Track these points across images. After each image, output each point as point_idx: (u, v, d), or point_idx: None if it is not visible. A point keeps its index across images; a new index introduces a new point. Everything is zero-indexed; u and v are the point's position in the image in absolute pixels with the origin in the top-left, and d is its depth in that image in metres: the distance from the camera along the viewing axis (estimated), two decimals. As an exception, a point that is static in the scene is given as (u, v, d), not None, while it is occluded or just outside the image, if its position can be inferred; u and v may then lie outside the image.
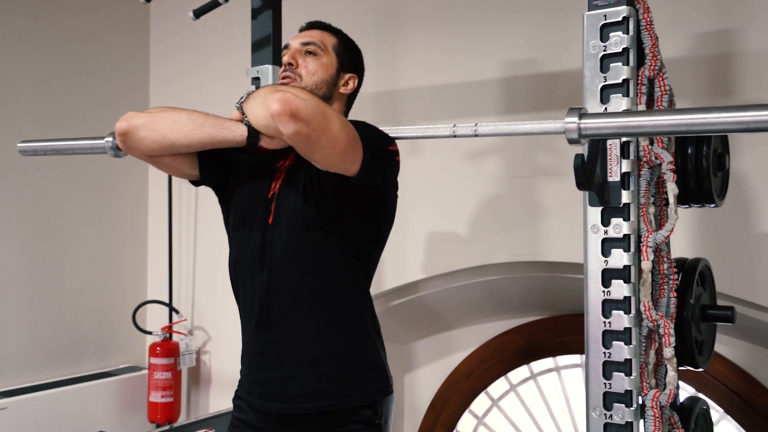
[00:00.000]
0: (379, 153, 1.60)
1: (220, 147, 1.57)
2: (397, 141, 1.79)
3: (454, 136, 1.72)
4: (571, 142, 1.36)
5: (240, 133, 1.52)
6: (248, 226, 1.68)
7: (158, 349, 3.45)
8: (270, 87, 1.46)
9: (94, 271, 3.59)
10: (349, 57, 1.80)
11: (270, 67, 2.31)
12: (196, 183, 1.78)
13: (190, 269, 3.69)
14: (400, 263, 3.10)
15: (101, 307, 3.61)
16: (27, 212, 3.30)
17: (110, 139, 1.79)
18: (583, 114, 1.34)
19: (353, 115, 3.11)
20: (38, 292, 3.35)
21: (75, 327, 3.50)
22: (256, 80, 2.33)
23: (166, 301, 3.65)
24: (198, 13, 2.39)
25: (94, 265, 3.58)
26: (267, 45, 2.32)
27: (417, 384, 3.53)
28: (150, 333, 3.62)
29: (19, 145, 1.99)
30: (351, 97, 1.84)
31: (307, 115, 1.36)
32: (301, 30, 1.82)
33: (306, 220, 1.62)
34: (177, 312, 3.65)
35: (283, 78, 1.70)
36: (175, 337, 3.55)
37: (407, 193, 3.02)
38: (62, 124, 3.41)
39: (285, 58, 1.72)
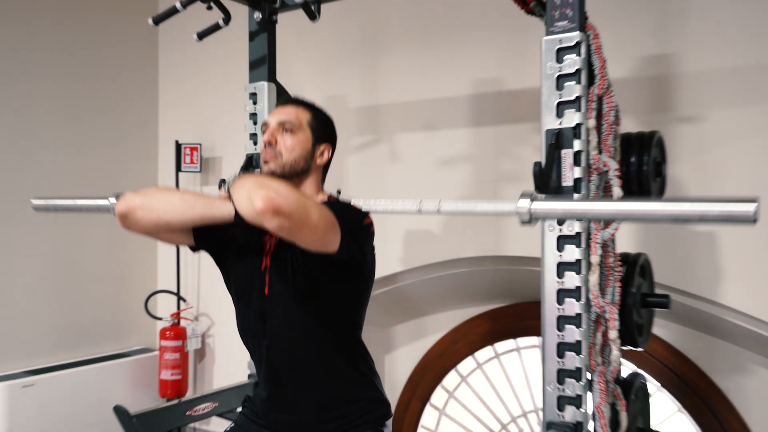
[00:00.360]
0: (355, 229, 1.58)
1: (211, 224, 1.53)
2: (374, 155, 1.79)
3: (420, 212, 1.64)
4: (523, 223, 1.34)
5: (228, 212, 1.47)
6: (248, 296, 1.68)
7: (168, 333, 3.44)
8: (254, 182, 1.39)
9: (111, 264, 3.57)
10: (323, 129, 1.75)
11: (265, 83, 2.31)
12: (194, 250, 1.76)
13: (196, 262, 3.67)
14: (381, 257, 3.07)
15: (117, 296, 3.60)
16: (52, 215, 3.27)
17: (113, 200, 1.76)
18: (533, 198, 1.34)
19: (338, 120, 3.13)
20: (61, 284, 3.33)
21: (94, 314, 3.48)
22: (253, 95, 2.32)
23: (175, 290, 3.63)
24: (201, 35, 2.38)
25: (111, 260, 3.56)
26: (263, 64, 2.32)
27: (396, 363, 3.54)
28: (160, 319, 3.61)
29: (33, 201, 1.95)
30: (327, 165, 1.79)
31: (289, 211, 1.33)
32: (278, 105, 1.78)
33: (297, 292, 1.62)
34: (184, 300, 3.64)
35: (265, 155, 1.67)
36: (183, 323, 3.54)
37: (388, 195, 3.04)
38: (81, 139, 3.39)
39: (265, 137, 1.67)
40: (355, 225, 1.59)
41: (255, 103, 2.32)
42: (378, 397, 1.74)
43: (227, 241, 1.70)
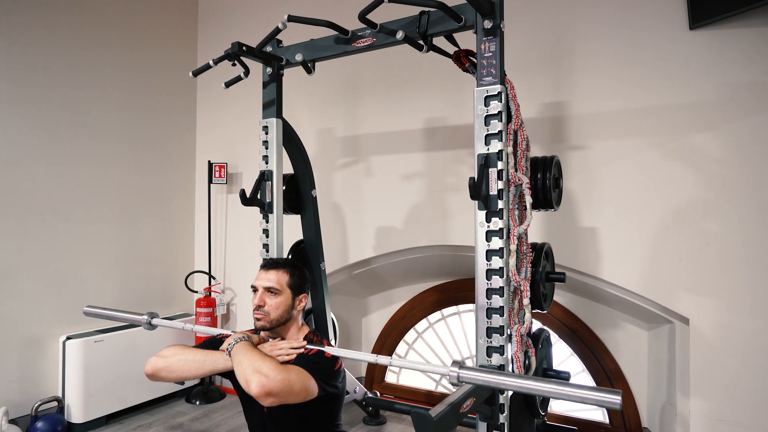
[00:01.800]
0: (329, 376, 1.57)
1: (217, 374, 1.58)
2: (353, 166, 1.78)
3: (376, 363, 1.57)
4: (453, 384, 1.35)
5: (229, 365, 1.53)
6: (252, 409, 1.71)
7: (202, 302, 3.38)
8: (250, 365, 1.41)
9: (159, 251, 3.49)
10: (299, 284, 1.72)
11: (274, 119, 2.27)
12: None
13: (222, 248, 3.62)
14: (359, 246, 3.09)
15: (164, 275, 3.52)
16: (116, 212, 3.19)
17: (146, 317, 1.88)
18: (461, 366, 1.35)
19: (327, 147, 3.11)
20: (122, 264, 3.25)
21: (146, 287, 3.40)
22: (265, 128, 2.28)
23: (207, 270, 3.57)
24: (228, 84, 2.34)
25: (159, 247, 3.49)
26: (272, 105, 2.29)
27: (370, 324, 3.53)
28: (196, 292, 3.53)
29: (84, 309, 2.02)
30: (304, 308, 1.77)
31: (277, 391, 1.37)
32: (262, 267, 1.74)
33: (289, 415, 1.62)
34: (214, 278, 3.58)
35: (257, 315, 1.66)
36: (213, 295, 3.48)
37: (364, 201, 3.03)
38: (138, 158, 3.32)
39: (255, 301, 1.66)
40: (327, 372, 1.57)
41: (267, 133, 2.29)
42: None
43: (233, 374, 1.64)
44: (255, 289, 1.69)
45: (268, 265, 1.74)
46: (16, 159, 2.74)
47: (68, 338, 2.86)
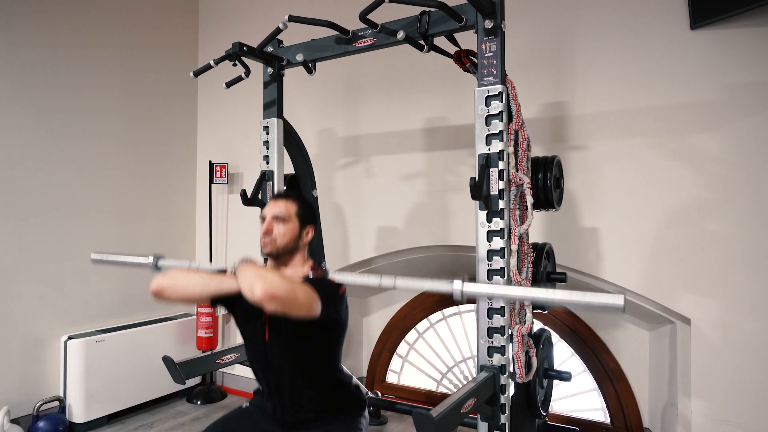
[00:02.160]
0: (332, 299, 1.54)
1: (222, 296, 1.54)
2: (354, 166, 1.78)
3: (380, 286, 1.54)
4: (456, 299, 1.36)
5: (235, 286, 1.48)
6: (254, 340, 1.66)
7: (202, 302, 3.39)
8: (255, 273, 1.37)
9: (159, 249, 3.46)
10: (306, 216, 1.70)
11: (275, 119, 2.28)
12: (212, 306, 1.75)
13: (223, 249, 3.62)
14: (360, 246, 3.09)
15: (164, 275, 3.53)
16: (116, 211, 3.20)
17: (151, 258, 1.84)
18: (464, 282, 1.35)
19: (328, 147, 3.12)
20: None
21: (147, 288, 3.39)
22: (266, 128, 2.29)
23: (207, 271, 3.58)
24: (229, 84, 2.35)
25: (159, 246, 3.49)
26: (273, 105, 2.29)
27: (371, 324, 3.53)
28: (196, 292, 3.54)
29: (92, 256, 1.99)
30: (311, 241, 1.74)
31: (282, 298, 1.33)
32: (272, 198, 1.74)
33: (290, 339, 1.59)
34: (214, 278, 3.58)
35: (263, 241, 1.64)
36: (213, 295, 3.49)
37: (365, 202, 3.03)
38: (139, 159, 3.33)
39: (263, 227, 1.65)
40: (332, 295, 1.55)
41: (267, 133, 2.29)
42: (357, 399, 1.70)
43: (236, 302, 1.62)
44: (263, 219, 1.68)
45: (277, 196, 1.75)
46: (17, 159, 2.74)
47: (70, 338, 2.87)
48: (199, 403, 3.30)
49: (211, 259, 3.54)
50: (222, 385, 3.58)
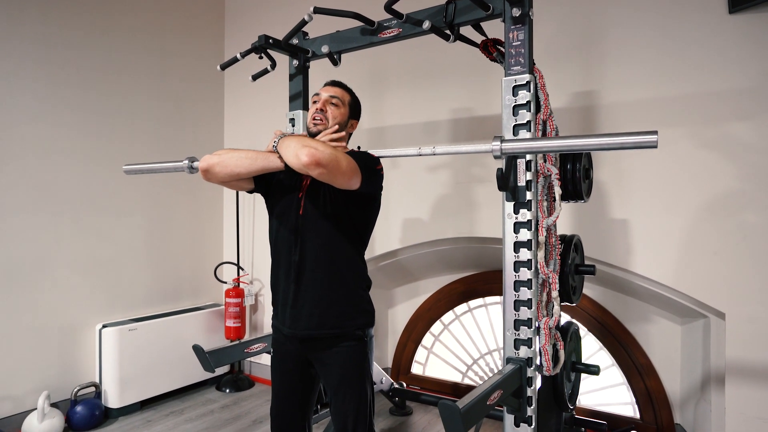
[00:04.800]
0: (371, 172, 1.58)
1: (268, 172, 1.58)
2: (383, 159, 1.78)
3: (420, 155, 1.73)
4: (496, 157, 1.41)
5: (279, 163, 1.54)
6: (286, 216, 1.66)
7: (231, 292, 3.44)
8: (299, 141, 1.44)
9: (190, 242, 3.57)
10: (356, 109, 1.78)
11: (301, 111, 2.30)
12: (250, 192, 1.77)
13: (250, 240, 3.68)
14: (386, 237, 3.10)
15: (194, 266, 3.60)
16: (148, 205, 3.28)
17: (186, 162, 1.78)
18: (503, 140, 1.39)
19: (353, 138, 3.13)
20: (154, 256, 3.34)
21: (178, 278, 3.49)
22: (291, 120, 2.32)
23: (235, 262, 3.64)
24: (255, 77, 2.37)
25: (190, 239, 3.57)
26: (299, 97, 2.31)
27: (396, 315, 3.55)
28: (225, 282, 3.61)
29: (124, 167, 1.98)
30: (351, 134, 1.81)
31: (326, 162, 1.38)
32: (327, 84, 1.78)
33: (325, 213, 1.60)
34: (242, 269, 3.64)
35: (315, 118, 1.67)
36: (241, 285, 3.55)
37: (391, 193, 3.04)
38: (168, 151, 3.40)
39: (318, 104, 1.68)
40: (370, 169, 1.58)
41: (293, 125, 2.31)
42: (366, 309, 1.68)
43: (275, 182, 1.71)
44: (316, 101, 1.71)
45: (332, 82, 1.78)
46: (51, 154, 2.84)
47: (104, 326, 2.96)
48: (228, 391, 3.38)
49: (238, 254, 3.60)
50: (250, 374, 3.65)
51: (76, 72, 2.92)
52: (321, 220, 1.60)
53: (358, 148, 1.86)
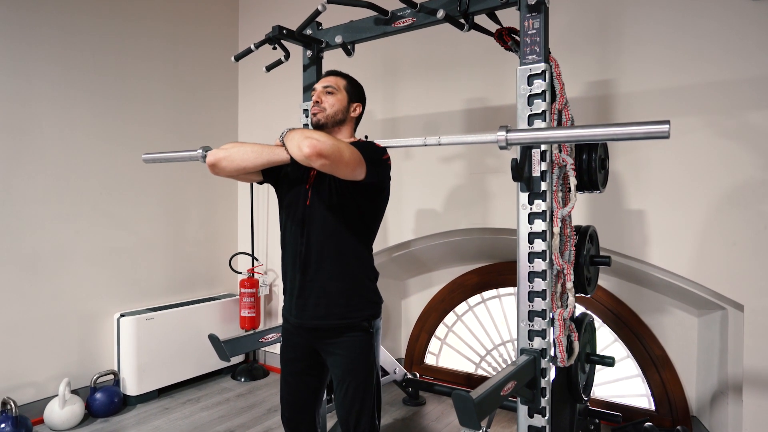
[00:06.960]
0: (377, 162, 1.56)
1: (274, 165, 1.58)
2: (391, 149, 1.78)
3: (425, 145, 1.71)
4: (501, 148, 1.38)
5: (285, 156, 1.54)
6: (294, 207, 1.67)
7: (245, 283, 3.48)
8: (301, 134, 1.43)
9: (205, 233, 3.61)
10: (355, 92, 1.76)
11: (315, 103, 2.30)
12: (260, 183, 1.79)
13: (264, 231, 3.71)
14: (399, 228, 3.11)
15: (210, 256, 3.65)
16: (164, 197, 3.32)
17: (200, 151, 1.79)
18: (509, 129, 1.36)
19: (367, 130, 3.12)
20: (171, 246, 3.38)
21: (194, 268, 3.53)
22: (305, 111, 2.32)
23: (250, 252, 3.67)
24: (269, 68, 2.38)
25: (205, 230, 3.61)
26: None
27: (409, 306, 3.56)
28: (240, 273, 3.65)
29: (143, 156, 2.02)
30: (358, 118, 1.79)
31: (328, 153, 1.37)
32: (322, 76, 1.80)
33: (331, 203, 1.60)
34: (257, 259, 3.68)
35: (313, 110, 1.69)
36: (256, 276, 3.58)
37: (404, 183, 3.04)
38: (183, 140, 3.43)
39: (313, 97, 1.71)
40: (376, 159, 1.57)
41: (307, 117, 2.31)
42: (373, 299, 1.68)
43: (282, 174, 1.73)
44: (314, 91, 1.74)
45: (326, 72, 1.81)
46: (69, 144, 2.88)
47: (122, 315, 3.02)
48: (243, 380, 3.43)
49: (252, 245, 3.63)
50: (264, 363, 3.70)
51: (91, 57, 2.95)
52: (327, 211, 1.61)
53: (365, 137, 1.86)
